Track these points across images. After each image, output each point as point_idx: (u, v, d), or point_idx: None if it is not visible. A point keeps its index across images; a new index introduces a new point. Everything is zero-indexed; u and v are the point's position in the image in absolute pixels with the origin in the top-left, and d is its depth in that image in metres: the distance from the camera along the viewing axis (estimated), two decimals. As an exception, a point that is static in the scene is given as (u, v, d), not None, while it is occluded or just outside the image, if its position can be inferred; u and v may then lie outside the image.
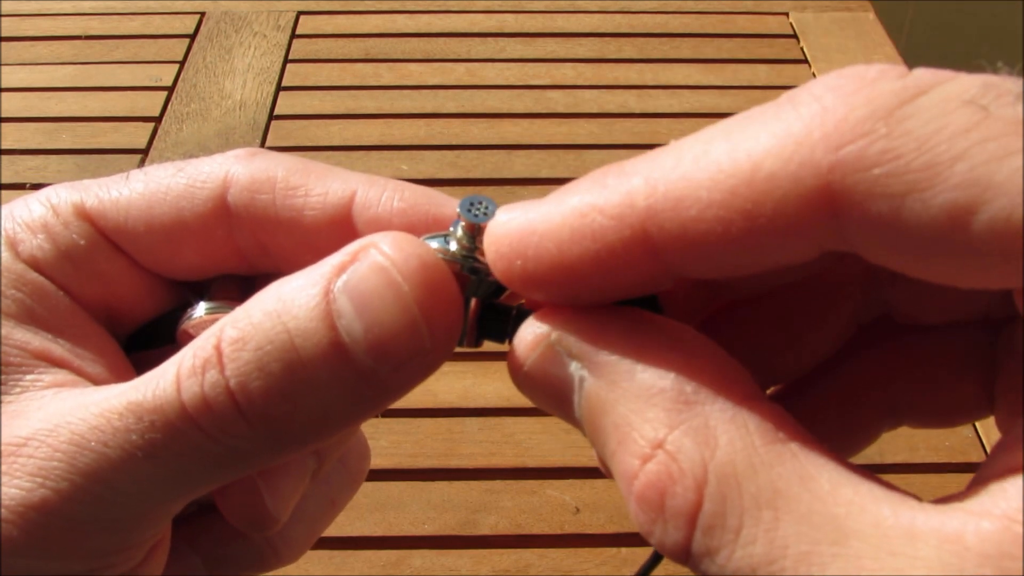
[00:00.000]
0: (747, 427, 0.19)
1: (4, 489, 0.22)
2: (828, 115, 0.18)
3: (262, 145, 1.03)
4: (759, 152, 0.18)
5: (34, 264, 0.26)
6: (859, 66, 0.18)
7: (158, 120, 1.06)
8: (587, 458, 0.72)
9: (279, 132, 1.05)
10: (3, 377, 0.24)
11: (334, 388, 0.22)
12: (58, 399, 0.24)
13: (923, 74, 0.18)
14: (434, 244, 0.24)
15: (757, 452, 0.18)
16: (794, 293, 0.26)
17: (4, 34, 1.17)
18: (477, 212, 0.23)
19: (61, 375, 0.24)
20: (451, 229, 0.24)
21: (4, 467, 0.22)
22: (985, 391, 0.24)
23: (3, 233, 0.26)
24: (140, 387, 0.23)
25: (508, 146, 1.02)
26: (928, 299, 0.25)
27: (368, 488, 0.72)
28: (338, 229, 0.26)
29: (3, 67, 1.12)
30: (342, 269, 0.22)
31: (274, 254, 0.27)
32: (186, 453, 0.22)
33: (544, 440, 0.74)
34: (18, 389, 0.24)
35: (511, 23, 1.21)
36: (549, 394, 0.22)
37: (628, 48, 1.16)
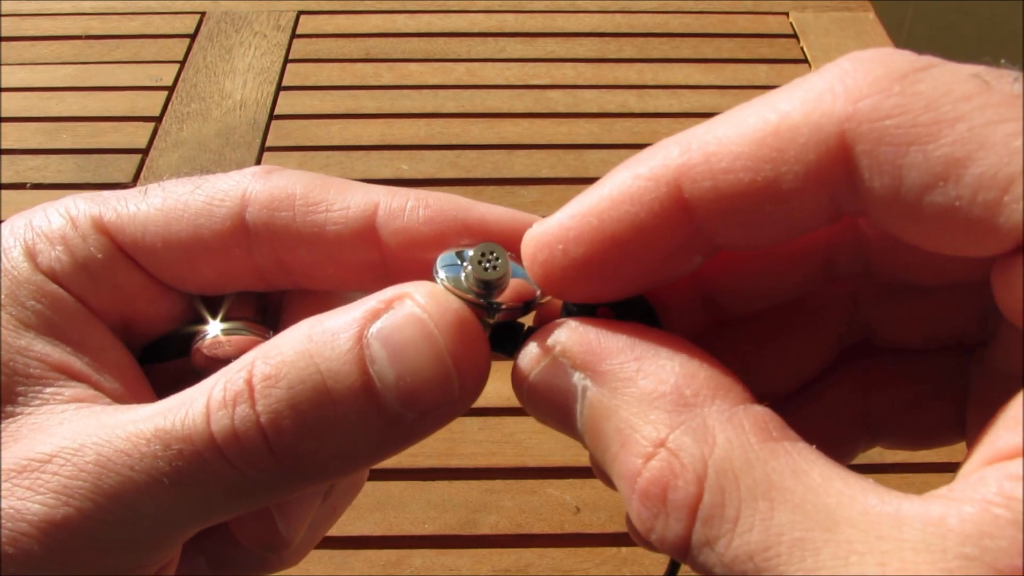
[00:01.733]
0: (743, 426, 0.20)
1: (27, 504, 0.22)
2: (849, 76, 0.20)
3: (262, 145, 1.03)
4: (785, 108, 0.20)
5: (52, 275, 0.26)
6: (878, 48, 0.20)
7: (158, 120, 1.06)
8: (587, 458, 0.72)
9: (279, 132, 1.05)
10: (23, 389, 0.24)
11: (361, 430, 0.22)
12: (80, 416, 0.24)
13: (933, 57, 0.20)
14: (442, 275, 0.24)
15: (753, 448, 0.19)
16: (781, 315, 0.27)
17: (4, 34, 1.17)
18: (488, 266, 0.24)
19: (80, 389, 0.24)
20: (463, 264, 0.24)
21: (28, 482, 0.22)
22: (957, 414, 0.25)
23: (22, 243, 0.26)
24: (168, 414, 0.23)
25: (508, 146, 1.02)
26: (907, 322, 0.26)
27: (368, 488, 0.72)
28: (362, 242, 0.26)
29: (3, 67, 1.12)
30: (375, 315, 0.23)
31: (293, 270, 0.27)
32: (210, 483, 0.22)
33: (544, 440, 0.74)
34: (38, 402, 0.24)
35: (511, 23, 1.21)
36: (552, 405, 0.23)
37: (628, 48, 1.16)
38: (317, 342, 0.22)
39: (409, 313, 0.23)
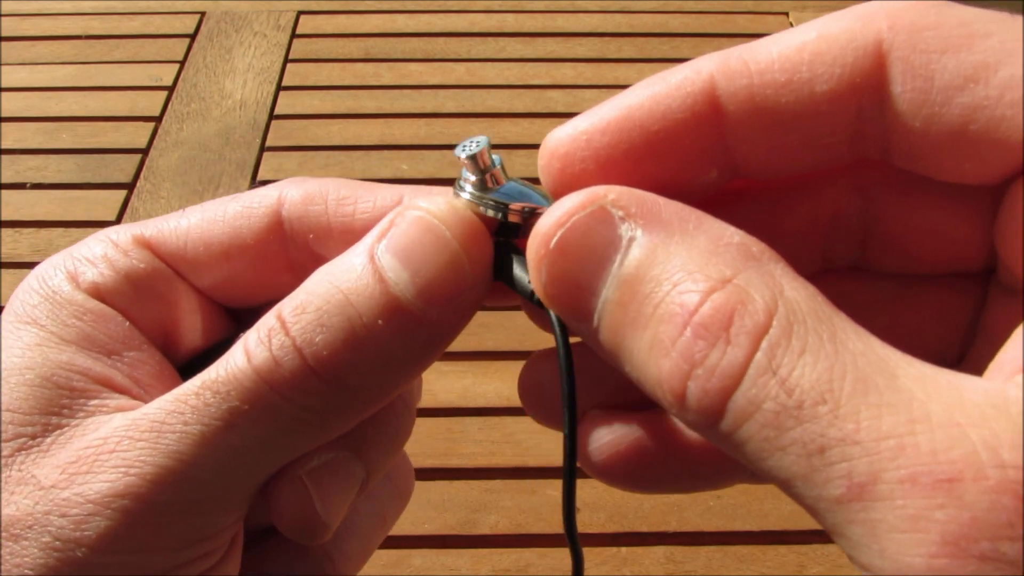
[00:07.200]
0: (807, 285, 0.20)
1: (90, 486, 0.23)
2: (887, 1, 0.22)
3: (262, 145, 1.03)
4: (826, 24, 0.22)
5: (95, 292, 0.27)
6: None
7: (158, 120, 1.06)
8: (587, 458, 0.72)
9: (279, 132, 1.05)
10: (68, 402, 0.25)
11: (391, 336, 0.24)
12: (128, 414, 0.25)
13: None
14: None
15: (818, 302, 0.20)
16: (782, 205, 0.26)
17: (4, 34, 1.18)
18: (468, 146, 0.25)
19: (123, 400, 0.25)
20: (460, 185, 0.25)
21: (86, 467, 0.23)
22: (958, 342, 0.25)
23: (63, 270, 0.27)
24: (210, 370, 0.24)
25: (508, 146, 1.02)
26: (914, 227, 0.25)
27: (368, 488, 0.72)
28: None
29: (3, 67, 1.12)
30: (382, 236, 0.24)
31: (326, 263, 0.28)
32: (263, 418, 0.23)
33: (544, 440, 0.74)
34: (83, 414, 0.25)
35: (511, 23, 1.21)
36: (585, 254, 0.22)
37: (628, 48, 1.16)
38: (334, 272, 0.24)
39: (410, 218, 0.24)
